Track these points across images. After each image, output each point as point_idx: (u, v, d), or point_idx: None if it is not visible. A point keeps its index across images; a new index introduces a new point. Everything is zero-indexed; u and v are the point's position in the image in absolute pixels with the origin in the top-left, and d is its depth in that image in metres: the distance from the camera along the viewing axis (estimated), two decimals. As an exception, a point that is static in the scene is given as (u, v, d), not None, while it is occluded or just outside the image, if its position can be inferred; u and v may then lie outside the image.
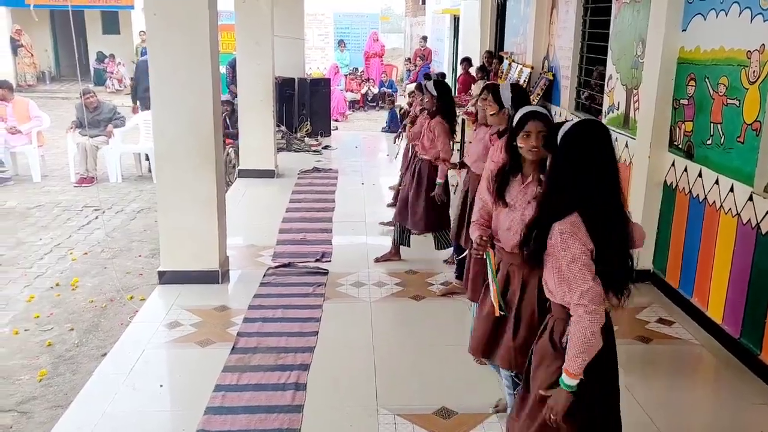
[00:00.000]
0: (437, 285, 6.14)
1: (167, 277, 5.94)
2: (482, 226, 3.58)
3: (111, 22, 24.89)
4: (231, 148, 10.51)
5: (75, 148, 10.52)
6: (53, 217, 8.78)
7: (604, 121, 6.93)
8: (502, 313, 3.47)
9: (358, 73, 20.29)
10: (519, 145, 3.33)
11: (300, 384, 4.44)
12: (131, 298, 6.26)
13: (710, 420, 4.36)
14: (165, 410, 4.29)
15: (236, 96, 10.45)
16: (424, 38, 22.28)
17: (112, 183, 10.61)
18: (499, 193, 3.43)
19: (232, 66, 12.04)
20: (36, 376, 4.95)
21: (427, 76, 8.59)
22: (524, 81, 10.18)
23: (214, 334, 5.11)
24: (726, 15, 5.08)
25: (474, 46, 15.43)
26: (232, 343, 4.96)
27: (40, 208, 9.18)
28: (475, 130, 5.67)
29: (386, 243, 7.52)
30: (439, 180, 6.16)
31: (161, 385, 4.49)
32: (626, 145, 6.51)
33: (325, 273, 6.33)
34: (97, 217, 8.64)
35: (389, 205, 8.44)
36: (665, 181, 5.97)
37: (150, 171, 10.53)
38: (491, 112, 4.72)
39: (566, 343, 2.78)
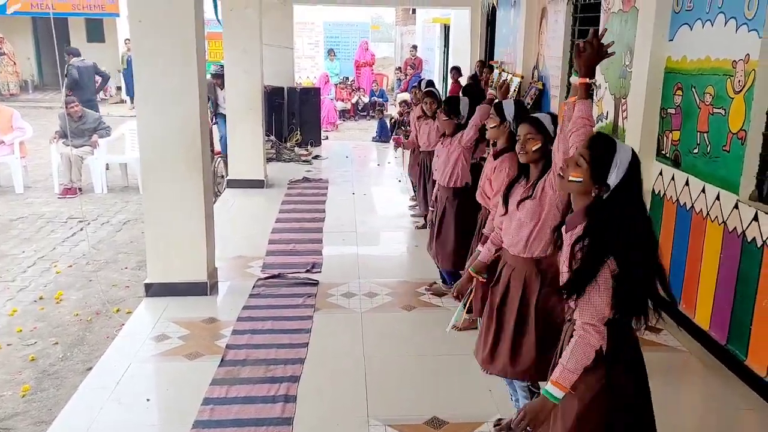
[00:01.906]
0: (428, 295, 6.13)
1: (154, 290, 5.89)
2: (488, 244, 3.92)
3: (95, 30, 24.67)
4: (220, 158, 10.48)
5: (59, 158, 10.45)
6: (37, 229, 8.71)
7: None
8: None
9: (349, 83, 20.30)
10: (518, 149, 3.59)
11: (290, 396, 4.41)
12: (117, 310, 6.21)
13: (697, 426, 4.37)
14: (152, 425, 4.25)
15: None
16: (414, 47, 22.31)
17: (97, 194, 10.53)
18: (505, 198, 3.68)
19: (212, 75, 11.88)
20: (19, 392, 4.89)
21: (430, 83, 8.45)
22: (514, 90, 10.21)
23: (203, 347, 5.08)
24: (712, 25, 5.10)
25: (464, 55, 15.47)
26: (220, 356, 4.92)
27: (23, 220, 9.11)
28: (441, 143, 5.69)
29: (375, 253, 7.52)
30: None
31: (148, 399, 4.44)
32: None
33: (315, 284, 6.31)
34: (81, 229, 8.57)
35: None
36: (653, 189, 5.98)
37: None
38: (492, 125, 4.50)
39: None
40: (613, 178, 2.59)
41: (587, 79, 2.98)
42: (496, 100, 5.00)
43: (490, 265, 3.93)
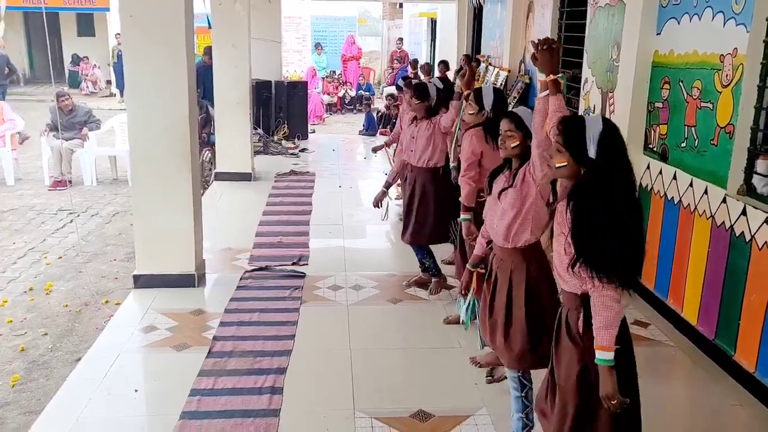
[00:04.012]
0: (414, 288, 6.13)
1: (143, 281, 5.88)
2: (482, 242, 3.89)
3: (86, 24, 24.68)
4: (208, 151, 10.46)
5: (49, 151, 10.43)
6: (27, 221, 8.69)
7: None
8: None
9: (336, 76, 20.28)
10: (499, 144, 3.69)
11: (276, 388, 4.42)
12: (106, 302, 6.20)
13: (685, 421, 4.39)
14: (140, 415, 4.25)
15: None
16: (401, 40, 22.29)
17: (87, 186, 10.52)
18: (490, 185, 3.75)
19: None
20: (9, 382, 4.89)
21: (406, 78, 8.45)
22: (501, 84, 10.23)
23: (190, 338, 5.07)
24: (699, 19, 5.13)
25: (451, 49, 15.49)
26: (208, 347, 4.92)
27: (13, 211, 9.09)
28: (416, 126, 5.75)
29: (361, 246, 7.53)
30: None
31: (136, 390, 4.44)
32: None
33: (302, 276, 6.31)
34: (71, 221, 8.56)
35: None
36: (641, 183, 6.01)
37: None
38: (470, 112, 4.76)
39: (582, 329, 2.83)
40: (592, 151, 2.71)
41: (552, 76, 3.14)
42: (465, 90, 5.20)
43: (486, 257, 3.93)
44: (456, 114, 5.36)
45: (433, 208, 5.69)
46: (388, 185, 6.33)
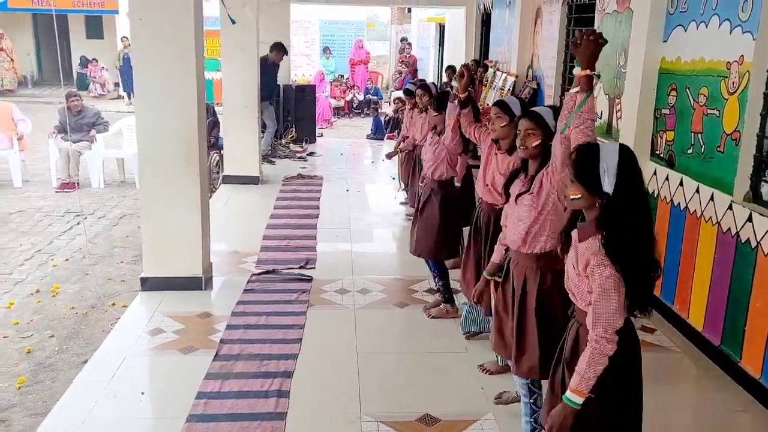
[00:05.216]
0: (421, 292, 6.14)
1: (150, 284, 5.90)
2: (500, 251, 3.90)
3: (95, 27, 24.78)
4: (216, 154, 10.49)
5: (57, 153, 10.47)
6: (34, 223, 8.72)
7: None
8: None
9: (344, 80, 20.30)
10: (518, 144, 3.57)
11: (283, 391, 4.43)
12: (113, 304, 6.22)
13: (691, 427, 4.39)
14: (146, 418, 4.27)
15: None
16: (409, 45, 22.29)
17: (95, 188, 10.55)
18: (506, 189, 3.70)
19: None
20: (15, 384, 4.90)
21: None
22: (508, 90, 10.25)
23: (197, 341, 5.09)
24: (706, 26, 5.14)
25: (459, 54, 15.50)
26: (214, 350, 4.93)
27: (21, 213, 9.12)
28: (431, 136, 5.68)
29: (369, 250, 7.54)
30: None
31: (143, 393, 4.46)
32: (609, 154, 6.54)
33: (309, 280, 6.32)
34: (78, 223, 8.58)
35: None
36: (647, 189, 6.01)
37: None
38: (502, 124, 4.28)
39: None
40: (607, 185, 2.60)
41: (588, 72, 3.01)
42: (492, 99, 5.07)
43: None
44: (453, 122, 5.09)
45: (437, 222, 5.49)
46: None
